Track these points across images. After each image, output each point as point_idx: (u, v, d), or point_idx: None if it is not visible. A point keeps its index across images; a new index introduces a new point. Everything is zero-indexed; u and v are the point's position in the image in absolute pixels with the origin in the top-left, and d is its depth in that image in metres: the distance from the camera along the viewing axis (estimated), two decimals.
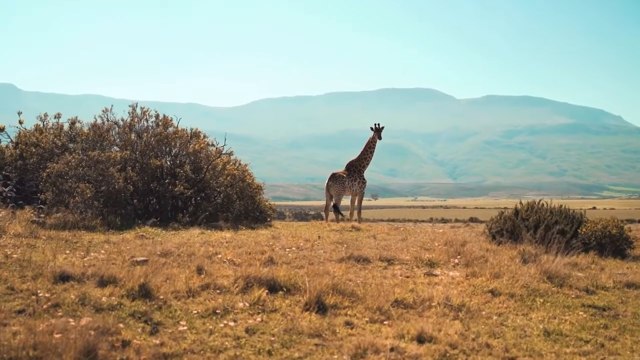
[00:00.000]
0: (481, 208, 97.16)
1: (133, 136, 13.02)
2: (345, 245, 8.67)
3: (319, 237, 9.80)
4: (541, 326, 4.99)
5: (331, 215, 14.89)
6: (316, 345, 4.29)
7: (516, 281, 6.38)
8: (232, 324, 4.60)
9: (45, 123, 13.22)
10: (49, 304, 4.58)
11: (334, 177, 14.49)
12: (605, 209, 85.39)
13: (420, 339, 4.45)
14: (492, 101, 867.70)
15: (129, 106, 13.48)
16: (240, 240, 9.02)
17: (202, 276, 5.85)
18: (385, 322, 4.90)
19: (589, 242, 9.27)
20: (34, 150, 12.13)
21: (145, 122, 13.40)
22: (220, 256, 7.20)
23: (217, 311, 4.84)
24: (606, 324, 5.19)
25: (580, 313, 5.54)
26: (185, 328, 4.44)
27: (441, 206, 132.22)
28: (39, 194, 11.09)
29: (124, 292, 5.02)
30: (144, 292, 5.02)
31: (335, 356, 4.10)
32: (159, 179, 12.54)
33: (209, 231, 10.49)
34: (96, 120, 12.90)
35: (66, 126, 13.04)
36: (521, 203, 10.57)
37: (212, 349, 4.09)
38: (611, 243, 9.24)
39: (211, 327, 4.50)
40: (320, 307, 5.07)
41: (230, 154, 14.39)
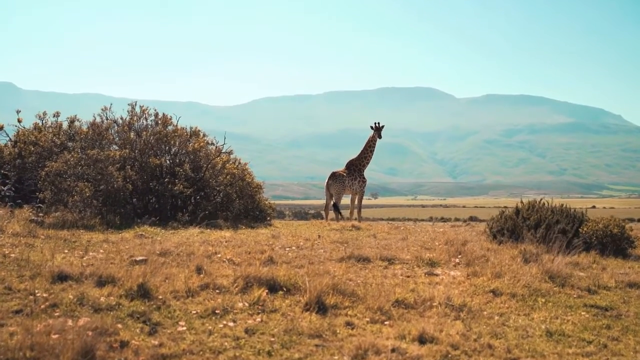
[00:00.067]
0: (481, 207, 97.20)
1: (132, 135, 12.98)
2: (346, 245, 8.63)
3: (319, 236, 9.76)
4: (543, 326, 4.95)
5: (331, 214, 14.85)
6: (316, 345, 4.25)
7: (518, 281, 6.34)
8: (231, 324, 4.56)
9: (44, 122, 13.16)
10: (46, 304, 4.54)
11: (334, 176, 14.45)
12: (605, 208, 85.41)
13: (422, 340, 4.41)
14: (492, 100, 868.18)
15: (128, 105, 13.43)
16: (239, 240, 8.98)
17: (202, 276, 5.81)
18: (386, 323, 4.87)
19: (590, 241, 9.24)
20: (32, 149, 12.08)
21: (144, 121, 13.37)
22: (219, 255, 7.15)
23: (217, 311, 4.80)
24: (609, 324, 5.15)
25: (583, 313, 5.50)
26: (184, 328, 4.40)
27: (441, 205, 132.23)
28: (37, 193, 11.04)
29: (122, 292, 4.98)
30: (143, 292, 4.98)
31: (336, 357, 4.06)
32: (158, 177, 12.50)
33: (208, 230, 10.45)
34: (95, 119, 12.85)
35: (65, 125, 12.97)
36: (522, 202, 10.53)
37: (212, 349, 4.05)
38: (613, 242, 9.20)
39: (210, 327, 4.46)
40: (321, 307, 5.03)
41: (230, 152, 14.35)
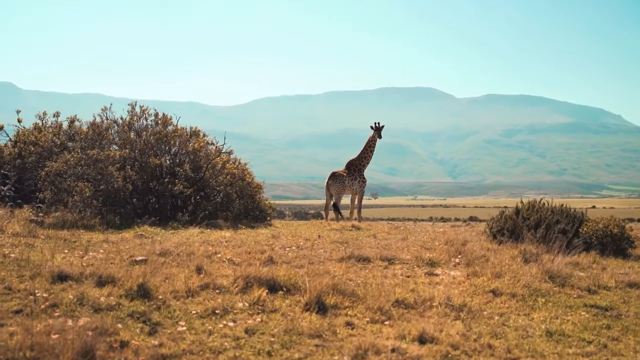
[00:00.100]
0: (481, 207, 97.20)
1: (132, 135, 12.97)
2: (346, 245, 8.63)
3: (319, 236, 9.76)
4: (543, 326, 4.95)
5: (331, 214, 14.85)
6: (316, 346, 4.25)
7: (518, 281, 6.34)
8: (231, 324, 4.56)
9: (44, 122, 13.16)
10: (46, 304, 4.54)
11: (334, 176, 14.45)
12: (604, 208, 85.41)
13: (422, 340, 4.41)
14: (491, 100, 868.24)
15: (128, 105, 13.43)
16: (239, 240, 8.97)
17: (202, 276, 5.81)
18: (386, 323, 4.86)
19: (590, 241, 9.23)
20: (32, 149, 12.07)
21: (144, 121, 13.36)
22: (219, 255, 7.15)
23: (217, 311, 4.80)
24: (609, 324, 5.15)
25: (583, 313, 5.50)
26: (184, 328, 4.40)
27: (441, 205, 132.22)
28: (37, 193, 11.04)
29: (122, 292, 4.98)
30: (143, 292, 4.98)
31: (336, 357, 4.06)
32: (158, 177, 12.50)
33: (208, 230, 10.45)
34: (95, 119, 12.85)
35: (65, 125, 12.97)
36: (522, 202, 10.53)
37: (212, 349, 4.05)
38: (613, 242, 9.20)
39: (210, 327, 4.46)
40: (321, 307, 5.03)
41: (230, 152, 14.34)
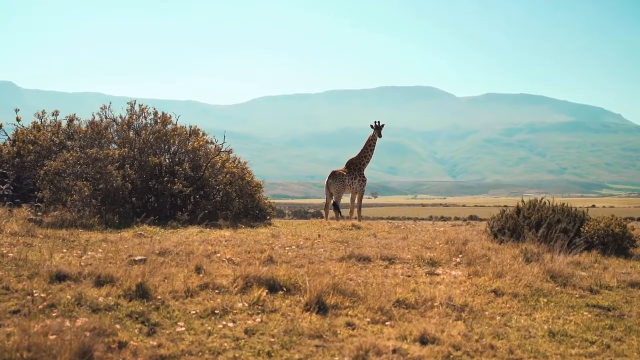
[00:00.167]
0: (481, 206, 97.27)
1: (131, 134, 12.92)
2: (346, 244, 8.59)
3: (319, 235, 9.72)
4: (545, 327, 4.91)
5: (331, 213, 14.81)
6: (317, 346, 4.21)
7: (519, 280, 6.30)
8: (231, 324, 4.52)
9: (43, 120, 13.12)
10: (44, 304, 4.50)
11: (333, 175, 14.41)
12: (604, 207, 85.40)
13: (423, 340, 4.37)
14: (491, 99, 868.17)
15: (127, 103, 13.38)
16: (239, 239, 8.93)
17: (201, 275, 5.77)
18: (387, 323, 4.82)
19: (591, 240, 9.18)
20: (31, 147, 12.03)
21: (143, 120, 13.31)
22: (219, 255, 7.11)
23: (216, 311, 4.76)
24: (611, 325, 5.11)
25: (585, 313, 5.46)
26: (183, 329, 4.35)
27: (441, 204, 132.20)
28: (36, 192, 11.00)
29: (121, 292, 4.94)
30: (142, 292, 4.94)
31: (337, 358, 4.02)
32: (157, 176, 12.45)
33: (207, 229, 10.41)
34: (94, 118, 12.80)
35: (64, 124, 12.93)
36: (523, 201, 10.49)
37: (211, 350, 4.01)
38: (614, 242, 9.15)
39: (210, 327, 4.42)
40: (321, 308, 4.99)
41: (230, 151, 14.30)
